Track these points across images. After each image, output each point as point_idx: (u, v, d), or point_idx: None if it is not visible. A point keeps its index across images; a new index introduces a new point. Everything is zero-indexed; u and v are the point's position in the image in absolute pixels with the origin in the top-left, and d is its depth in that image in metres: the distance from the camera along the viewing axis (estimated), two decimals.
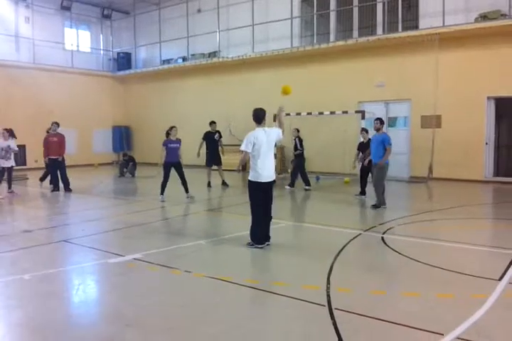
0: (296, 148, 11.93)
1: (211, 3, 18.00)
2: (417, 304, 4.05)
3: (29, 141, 16.64)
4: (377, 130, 9.15)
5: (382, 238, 6.49)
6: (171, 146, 10.19)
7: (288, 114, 14.31)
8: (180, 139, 10.49)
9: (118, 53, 21.64)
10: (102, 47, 21.89)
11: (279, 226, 7.24)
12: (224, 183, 12.69)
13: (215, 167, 12.78)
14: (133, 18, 20.65)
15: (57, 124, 12.20)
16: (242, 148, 5.94)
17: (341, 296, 4.25)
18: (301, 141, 11.99)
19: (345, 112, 13.44)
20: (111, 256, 5.65)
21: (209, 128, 12.86)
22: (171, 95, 19.74)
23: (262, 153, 5.92)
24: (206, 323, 3.73)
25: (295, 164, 12.11)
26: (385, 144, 8.81)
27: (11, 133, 11.34)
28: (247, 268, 5.41)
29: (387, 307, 4.04)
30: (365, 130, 10.87)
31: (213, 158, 12.72)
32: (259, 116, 6.11)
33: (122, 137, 21.33)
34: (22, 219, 8.74)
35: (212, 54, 18.09)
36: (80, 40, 21.07)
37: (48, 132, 12.23)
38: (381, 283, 4.71)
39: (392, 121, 14.61)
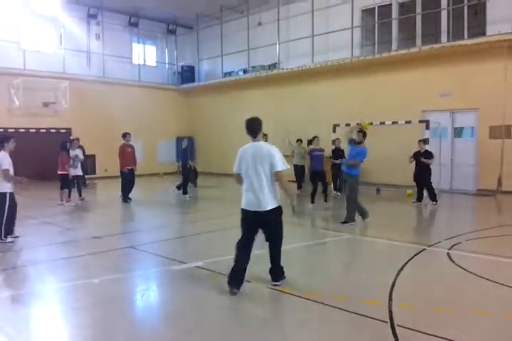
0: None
1: (271, 16, 18.30)
2: (485, 324, 3.87)
3: (98, 151, 17.59)
4: (360, 142, 8.67)
5: (448, 254, 6.25)
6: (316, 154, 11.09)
7: (348, 124, 14.25)
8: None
9: (182, 67, 22.45)
10: (167, 61, 22.80)
11: (341, 238, 7.18)
12: None
13: None
14: (196, 33, 21.39)
15: (130, 135, 12.40)
16: (234, 169, 4.96)
17: (404, 313, 4.14)
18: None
19: (409, 122, 13.09)
20: (174, 263, 5.85)
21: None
22: (233, 107, 20.14)
23: (249, 173, 4.77)
24: (264, 334, 3.76)
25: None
26: (363, 157, 8.37)
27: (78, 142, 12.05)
28: (306, 281, 5.36)
29: (453, 326, 3.89)
30: (423, 140, 11.17)
31: None
32: (251, 128, 4.97)
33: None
34: (92, 225, 9.23)
35: (272, 65, 18.32)
36: (146, 54, 22.09)
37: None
38: (446, 300, 4.54)
39: (458, 132, 14.03)
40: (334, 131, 14.35)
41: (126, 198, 12.00)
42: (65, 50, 18.73)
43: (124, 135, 12.23)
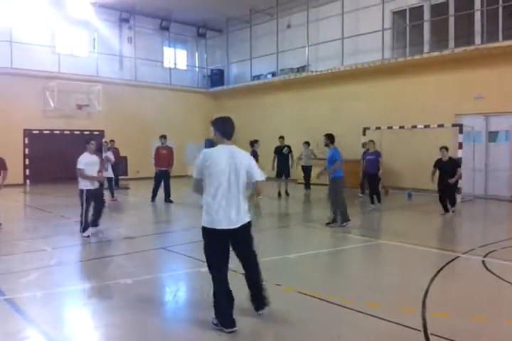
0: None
1: (301, 19, 18.30)
2: None
3: (129, 153, 17.92)
4: (326, 145, 9.03)
5: (483, 262, 6.10)
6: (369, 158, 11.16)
7: (378, 128, 14.10)
8: None
9: (211, 70, 22.65)
10: (197, 65, 23.05)
11: (370, 244, 7.11)
12: (287, 193, 13.82)
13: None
14: (226, 36, 21.57)
15: (165, 137, 12.80)
16: (193, 173, 4.03)
17: (438, 321, 4.06)
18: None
19: (441, 126, 12.84)
20: (203, 265, 5.89)
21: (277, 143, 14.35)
22: (261, 110, 20.19)
23: (221, 183, 3.88)
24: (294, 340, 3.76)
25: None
26: (336, 159, 8.70)
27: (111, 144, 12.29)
28: (337, 286, 5.33)
29: (489, 335, 3.80)
30: (445, 147, 10.28)
31: (282, 171, 13.90)
32: (230, 129, 4.13)
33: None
34: (124, 226, 9.38)
35: (301, 68, 18.30)
36: (177, 58, 22.39)
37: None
38: (482, 309, 4.43)
39: (493, 136, 13.68)
40: (364, 134, 14.22)
41: (153, 197, 12.33)
42: (97, 54, 19.18)
43: (160, 137, 12.74)
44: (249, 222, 4.07)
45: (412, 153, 14.48)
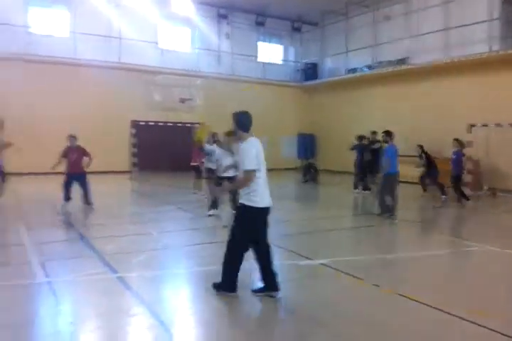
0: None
1: (400, 9, 17.58)
2: None
3: None
4: (386, 142, 9.40)
5: None
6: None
7: (485, 125, 13.20)
8: None
9: (306, 64, 22.59)
10: (291, 59, 23.12)
11: (471, 250, 6.72)
12: (369, 188, 13.32)
13: None
14: (321, 30, 21.35)
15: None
16: (250, 166, 4.35)
17: None
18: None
19: None
20: (300, 259, 5.97)
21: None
22: (356, 104, 19.77)
23: (262, 170, 4.51)
24: None
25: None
26: (388, 155, 9.05)
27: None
28: (440, 290, 5.04)
29: None
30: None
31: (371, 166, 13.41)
32: (248, 120, 4.54)
33: (306, 144, 22.12)
34: (223, 214, 9.21)
35: (401, 61, 17.60)
36: (271, 52, 22.63)
37: None
38: None
39: None
40: (470, 131, 13.37)
41: None
42: (198, 50, 19.98)
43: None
44: None
45: None
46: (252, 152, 4.39)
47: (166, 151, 17.62)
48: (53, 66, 16.65)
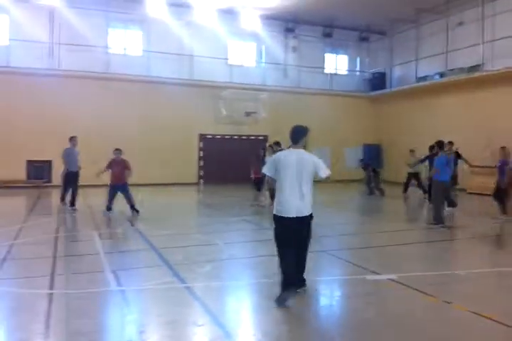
0: None
1: (474, 15, 16.86)
2: None
3: None
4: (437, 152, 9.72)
5: None
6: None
7: None
8: None
9: (373, 74, 22.22)
10: (357, 69, 22.84)
11: None
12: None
13: None
14: (389, 39, 20.94)
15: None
16: (264, 170, 4.92)
17: None
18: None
19: None
20: (367, 273, 5.82)
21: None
22: (425, 113, 19.09)
23: (288, 180, 4.68)
24: None
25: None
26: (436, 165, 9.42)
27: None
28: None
29: None
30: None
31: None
32: (294, 134, 4.90)
33: (372, 155, 21.60)
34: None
35: (473, 68, 16.81)
36: (338, 63, 22.49)
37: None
38: None
39: None
40: None
41: None
42: (264, 64, 20.31)
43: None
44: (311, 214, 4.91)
45: None
46: (270, 160, 4.98)
47: (232, 163, 17.97)
48: (128, 83, 17.67)
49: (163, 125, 18.15)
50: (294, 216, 4.67)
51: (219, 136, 19.18)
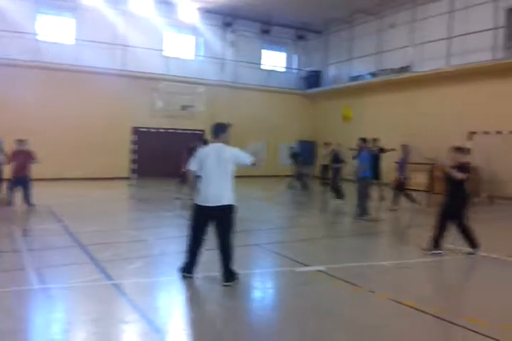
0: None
1: (405, 17, 17.66)
2: None
3: None
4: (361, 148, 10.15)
5: None
6: None
7: (487, 133, 13.19)
8: None
9: (309, 72, 22.68)
10: (294, 67, 23.21)
11: (470, 256, 6.68)
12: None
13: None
14: (325, 38, 21.44)
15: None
16: (189, 166, 5.23)
17: None
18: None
19: None
20: (297, 265, 5.95)
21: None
22: (358, 111, 19.70)
23: (208, 172, 5.05)
24: None
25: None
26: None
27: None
28: (433, 296, 5.08)
29: None
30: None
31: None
32: (215, 130, 5.22)
33: (304, 151, 22.01)
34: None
35: (403, 69, 17.64)
36: (275, 60, 22.72)
37: None
38: None
39: None
40: (470, 138, 13.36)
41: None
42: (202, 57, 20.09)
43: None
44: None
45: None
46: (194, 156, 5.20)
47: (166, 157, 17.63)
48: (59, 72, 16.82)
49: (94, 117, 17.47)
50: (213, 205, 4.98)
51: (154, 130, 18.75)
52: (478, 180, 14.14)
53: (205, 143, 11.14)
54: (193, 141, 12.95)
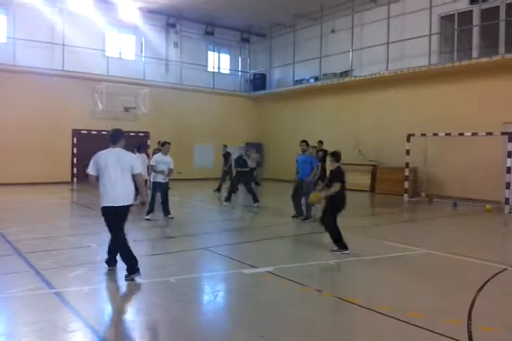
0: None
1: (345, 23, 18.19)
2: None
3: (173, 155, 18.27)
4: (304, 151, 10.15)
5: None
6: None
7: (424, 135, 13.82)
8: None
9: (254, 74, 22.84)
10: (239, 69, 23.29)
11: (414, 253, 6.96)
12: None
13: None
14: (269, 41, 21.69)
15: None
16: (88, 169, 5.57)
17: (485, 335, 3.93)
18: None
19: (490, 134, 12.43)
20: (245, 267, 5.95)
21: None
22: (303, 114, 20.15)
23: (107, 175, 5.43)
24: None
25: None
26: (313, 165, 9.90)
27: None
28: (379, 293, 5.21)
29: None
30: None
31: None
32: (112, 136, 5.65)
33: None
34: (166, 225, 9.49)
35: (345, 73, 18.16)
36: (220, 62, 22.71)
37: None
38: None
39: None
40: (408, 140, 13.96)
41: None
42: (145, 58, 19.71)
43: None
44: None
45: (458, 161, 14.12)
46: (92, 160, 5.58)
47: None
48: None
49: (32, 119, 16.67)
50: (111, 205, 5.44)
51: (95, 132, 18.13)
52: (418, 180, 14.96)
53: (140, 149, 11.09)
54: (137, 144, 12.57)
